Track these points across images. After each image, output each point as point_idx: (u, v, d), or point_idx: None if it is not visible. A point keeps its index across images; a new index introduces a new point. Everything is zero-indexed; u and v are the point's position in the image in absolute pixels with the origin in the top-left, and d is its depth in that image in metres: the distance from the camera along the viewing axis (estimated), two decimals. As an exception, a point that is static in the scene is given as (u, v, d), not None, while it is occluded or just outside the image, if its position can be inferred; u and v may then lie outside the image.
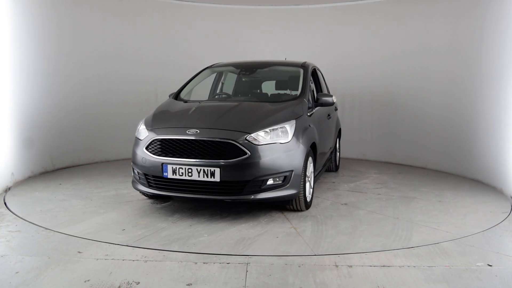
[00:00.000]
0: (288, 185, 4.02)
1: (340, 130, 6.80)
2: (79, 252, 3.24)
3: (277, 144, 3.99)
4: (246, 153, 3.84)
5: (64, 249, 3.30)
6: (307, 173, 4.34)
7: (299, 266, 3.03)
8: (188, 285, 2.73)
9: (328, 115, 5.62)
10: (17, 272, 2.87)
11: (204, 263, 3.06)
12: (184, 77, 6.11)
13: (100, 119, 7.10)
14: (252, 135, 3.92)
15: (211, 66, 5.76)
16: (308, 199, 4.48)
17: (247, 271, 2.94)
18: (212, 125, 4.08)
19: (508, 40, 5.26)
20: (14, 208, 4.38)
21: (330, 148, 5.87)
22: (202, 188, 3.93)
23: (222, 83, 6.00)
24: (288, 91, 5.43)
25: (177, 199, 4.63)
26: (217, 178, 3.83)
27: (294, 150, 4.09)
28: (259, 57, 7.45)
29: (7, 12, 5.45)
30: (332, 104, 5.08)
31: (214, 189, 3.91)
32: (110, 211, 4.36)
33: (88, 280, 2.76)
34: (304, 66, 5.34)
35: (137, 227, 3.88)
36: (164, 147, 4.05)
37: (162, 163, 3.98)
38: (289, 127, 4.13)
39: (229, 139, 3.87)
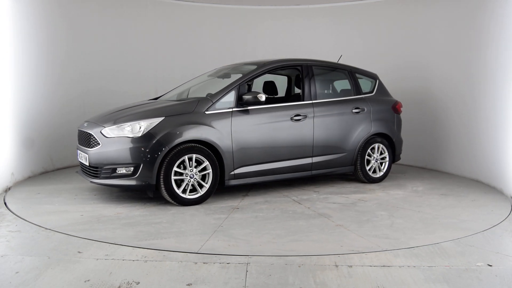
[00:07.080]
0: (136, 176, 4.36)
1: (383, 134, 5.84)
2: (79, 252, 3.24)
3: (125, 138, 4.39)
4: (99, 144, 4.46)
5: (64, 249, 3.30)
6: (186, 171, 4.45)
7: (299, 266, 3.03)
8: (188, 285, 2.73)
9: (298, 114, 5.08)
10: (17, 272, 2.87)
11: (204, 263, 3.06)
12: (185, 80, 6.13)
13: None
14: (105, 128, 4.47)
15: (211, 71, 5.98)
16: (190, 197, 4.51)
17: (247, 271, 2.94)
18: (95, 120, 4.81)
19: (509, 40, 5.26)
20: (14, 208, 4.38)
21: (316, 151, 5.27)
22: (86, 171, 4.76)
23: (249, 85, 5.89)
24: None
25: None
26: (87, 162, 4.58)
27: (145, 145, 4.34)
28: (259, 57, 7.44)
29: (8, 13, 5.45)
30: (260, 103, 4.78)
31: (88, 172, 4.67)
32: (65, 184, 5.61)
33: (88, 280, 2.76)
34: (258, 65, 5.15)
35: (51, 194, 4.95)
36: (78, 137, 4.96)
37: (77, 149, 4.93)
38: (145, 124, 4.42)
39: (90, 132, 4.59)
